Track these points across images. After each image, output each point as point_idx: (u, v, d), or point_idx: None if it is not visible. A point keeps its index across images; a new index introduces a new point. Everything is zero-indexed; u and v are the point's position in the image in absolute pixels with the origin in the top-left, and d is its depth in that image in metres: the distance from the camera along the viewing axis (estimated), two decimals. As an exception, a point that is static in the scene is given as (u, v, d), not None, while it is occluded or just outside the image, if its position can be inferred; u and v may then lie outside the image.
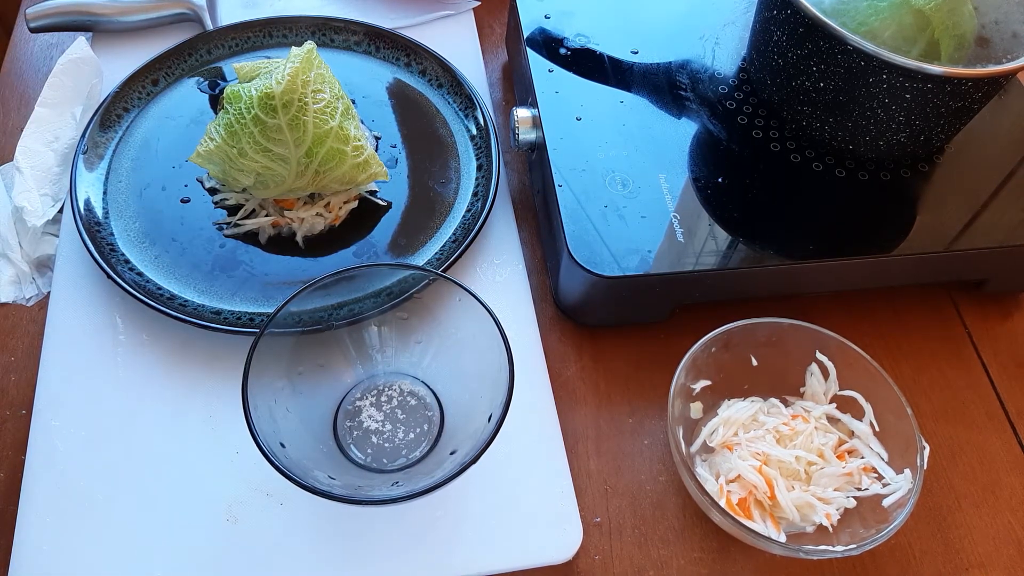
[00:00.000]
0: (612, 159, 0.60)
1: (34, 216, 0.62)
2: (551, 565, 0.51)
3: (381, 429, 0.53)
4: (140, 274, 0.58)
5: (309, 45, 0.58)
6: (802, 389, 0.56)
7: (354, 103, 0.64)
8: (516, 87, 0.74)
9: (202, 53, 0.71)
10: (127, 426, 0.54)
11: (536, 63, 0.66)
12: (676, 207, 0.58)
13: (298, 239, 0.61)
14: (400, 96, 0.70)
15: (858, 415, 0.53)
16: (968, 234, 0.59)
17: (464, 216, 0.63)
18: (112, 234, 0.60)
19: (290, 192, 0.60)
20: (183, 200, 0.63)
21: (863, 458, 0.52)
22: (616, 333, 0.61)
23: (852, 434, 0.54)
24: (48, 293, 0.61)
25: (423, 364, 0.55)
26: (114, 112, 0.66)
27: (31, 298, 0.61)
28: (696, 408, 0.55)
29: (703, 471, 0.53)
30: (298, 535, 0.50)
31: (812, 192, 0.61)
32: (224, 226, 0.61)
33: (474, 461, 0.45)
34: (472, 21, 0.79)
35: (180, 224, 0.61)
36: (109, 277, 0.57)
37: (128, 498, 0.51)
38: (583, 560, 0.52)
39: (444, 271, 0.57)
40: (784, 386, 0.56)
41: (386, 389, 0.55)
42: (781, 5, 0.58)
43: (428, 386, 0.55)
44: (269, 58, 0.65)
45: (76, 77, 0.69)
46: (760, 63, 0.64)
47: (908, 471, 0.50)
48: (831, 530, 0.50)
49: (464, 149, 0.67)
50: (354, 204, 0.63)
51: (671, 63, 0.67)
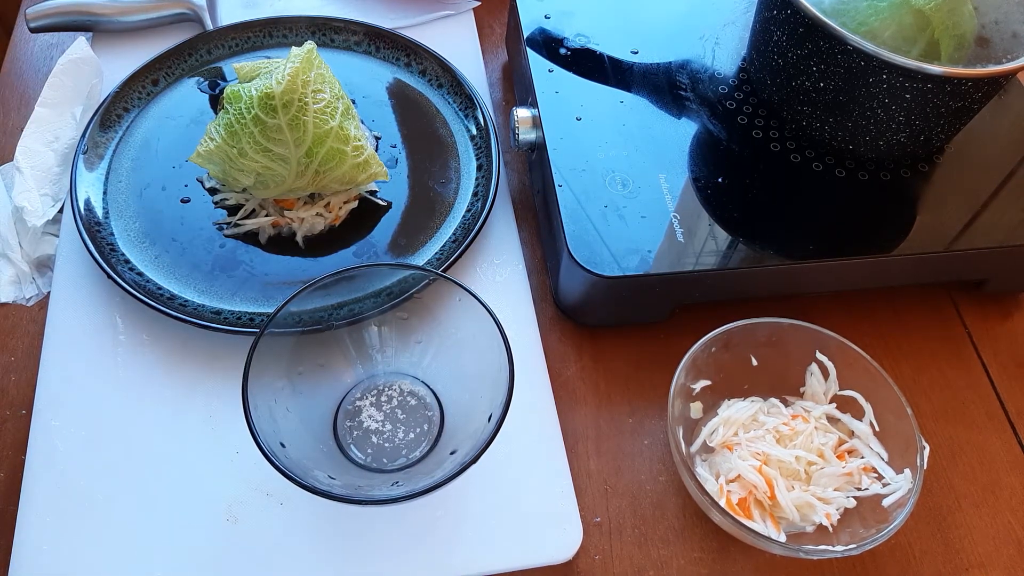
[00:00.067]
0: (612, 159, 0.60)
1: (34, 216, 0.62)
2: (551, 565, 0.51)
3: (381, 429, 0.53)
4: (140, 274, 0.58)
5: (309, 45, 0.58)
6: (802, 389, 0.56)
7: (354, 103, 0.64)
8: (516, 87, 0.74)
9: (202, 53, 0.71)
10: (127, 426, 0.54)
11: (536, 63, 0.66)
12: (676, 207, 0.58)
13: (298, 239, 0.61)
14: (400, 96, 0.70)
15: (858, 415, 0.53)
16: (968, 234, 0.59)
17: (464, 216, 0.63)
18: (112, 234, 0.60)
19: (290, 192, 0.60)
20: (183, 200, 0.63)
21: (863, 458, 0.52)
22: (616, 333, 0.61)
23: (852, 434, 0.54)
24: (48, 293, 0.61)
25: (423, 364, 0.55)
26: (114, 112, 0.66)
27: (31, 298, 0.61)
28: (696, 408, 0.55)
29: (703, 471, 0.53)
30: (298, 535, 0.50)
31: (812, 192, 0.61)
32: (224, 226, 0.61)
33: (474, 461, 0.45)
34: (472, 21, 0.79)
35: (180, 224, 0.61)
36: (109, 277, 0.57)
37: (128, 498, 0.51)
38: (583, 560, 0.52)
39: (444, 271, 0.57)
40: (784, 386, 0.56)
41: (386, 389, 0.55)
42: (781, 5, 0.58)
43: (428, 386, 0.55)
44: (269, 58, 0.65)
45: (76, 77, 0.69)
46: (760, 63, 0.64)
47: (908, 471, 0.50)
48: (831, 530, 0.50)
49: (464, 149, 0.67)
50: (354, 204, 0.63)
51: (671, 63, 0.67)
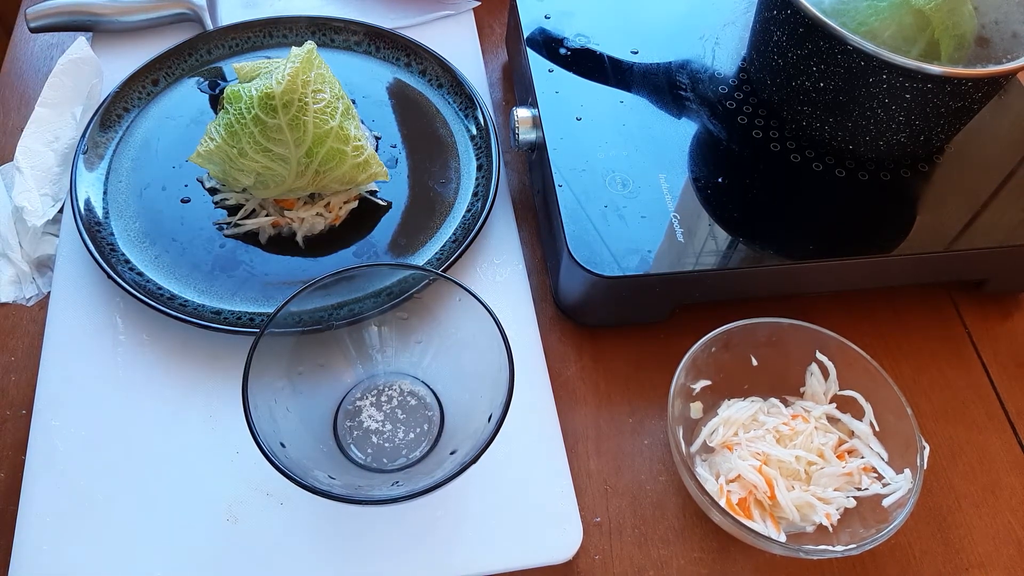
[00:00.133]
0: (612, 159, 0.60)
1: (34, 216, 0.62)
2: (551, 565, 0.51)
3: (381, 429, 0.53)
4: (140, 274, 0.58)
5: (309, 45, 0.58)
6: (802, 389, 0.56)
7: (354, 103, 0.64)
8: (516, 87, 0.74)
9: (202, 53, 0.71)
10: (127, 426, 0.54)
11: (536, 63, 0.66)
12: (676, 207, 0.58)
13: (298, 239, 0.61)
14: (400, 96, 0.70)
15: (858, 415, 0.53)
16: (968, 234, 0.59)
17: (464, 216, 0.63)
18: (112, 234, 0.60)
19: (290, 192, 0.60)
20: (183, 200, 0.63)
21: (863, 458, 0.52)
22: (616, 333, 0.61)
23: (852, 434, 0.54)
24: (48, 293, 0.61)
25: (423, 364, 0.55)
26: (114, 112, 0.66)
27: (31, 298, 0.61)
28: (696, 408, 0.55)
29: (703, 471, 0.53)
30: (298, 535, 0.50)
31: (812, 192, 0.61)
32: (224, 226, 0.61)
33: (474, 461, 0.45)
34: (472, 21, 0.79)
35: (180, 224, 0.61)
36: (109, 277, 0.57)
37: (128, 498, 0.51)
38: (583, 560, 0.52)
39: (444, 271, 0.57)
40: (784, 386, 0.56)
41: (386, 389, 0.55)
42: (781, 5, 0.58)
43: (428, 386, 0.55)
44: (269, 58, 0.65)
45: (76, 77, 0.69)
46: (760, 63, 0.64)
47: (908, 471, 0.50)
48: (831, 530, 0.50)
49: (464, 149, 0.67)
50: (354, 204, 0.63)
51: (671, 63, 0.67)
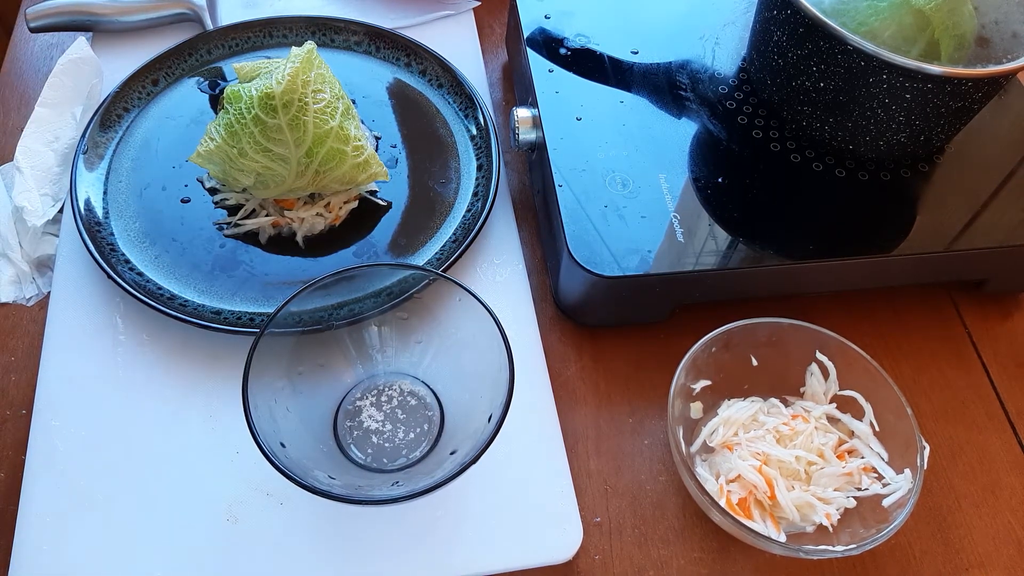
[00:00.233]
0: (612, 159, 0.60)
1: (34, 216, 0.62)
2: (551, 565, 0.51)
3: (381, 429, 0.53)
4: (140, 274, 0.58)
5: (309, 45, 0.58)
6: (802, 389, 0.56)
7: (354, 103, 0.64)
8: (516, 87, 0.74)
9: (202, 53, 0.71)
10: (127, 426, 0.54)
11: (536, 63, 0.66)
12: (676, 207, 0.58)
13: (298, 239, 0.61)
14: (400, 96, 0.70)
15: (858, 415, 0.53)
16: (968, 234, 0.59)
17: (464, 216, 0.63)
18: (112, 234, 0.60)
19: (290, 192, 0.60)
20: (183, 200, 0.63)
21: (863, 458, 0.52)
22: (616, 333, 0.61)
23: (852, 434, 0.54)
24: (48, 293, 0.61)
25: (423, 364, 0.55)
26: (114, 112, 0.66)
27: (31, 298, 0.61)
28: (696, 408, 0.55)
29: (703, 471, 0.53)
30: (298, 535, 0.50)
31: (812, 192, 0.61)
32: (224, 226, 0.61)
33: (474, 461, 0.45)
34: (472, 21, 0.79)
35: (180, 224, 0.61)
36: (109, 277, 0.57)
37: (128, 498, 0.51)
38: (583, 560, 0.52)
39: (444, 271, 0.57)
40: (784, 386, 0.56)
41: (386, 389, 0.55)
42: (781, 5, 0.58)
43: (428, 386, 0.55)
44: (269, 58, 0.65)
45: (76, 77, 0.69)
46: (760, 63, 0.64)
47: (908, 471, 0.50)
48: (831, 530, 0.50)
49: (464, 149, 0.67)
50: (354, 204, 0.63)
51: (671, 63, 0.67)
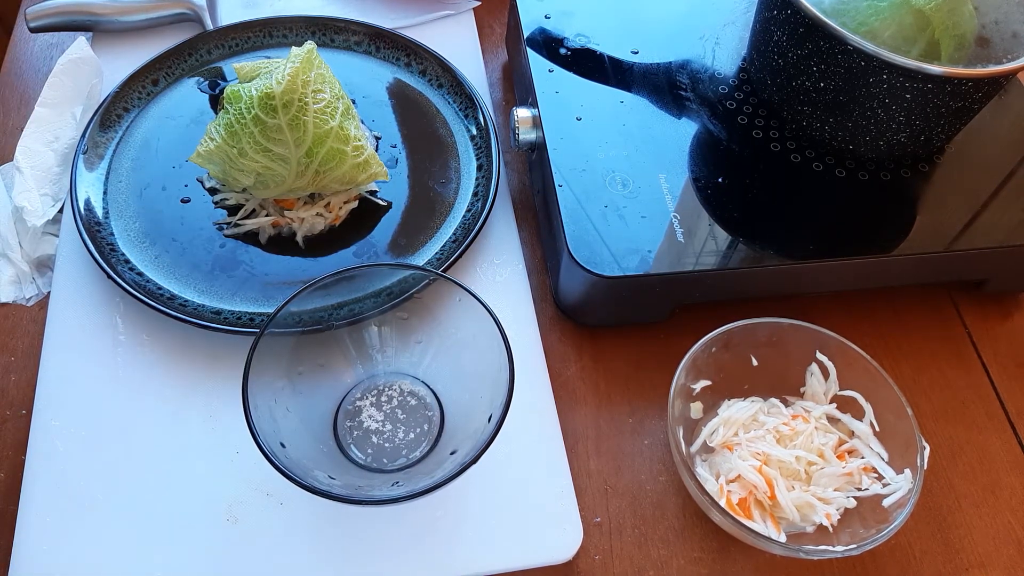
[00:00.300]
0: (612, 159, 0.60)
1: (34, 216, 0.62)
2: (551, 565, 0.51)
3: (381, 429, 0.53)
4: (140, 274, 0.58)
5: (309, 45, 0.58)
6: (802, 389, 0.56)
7: (354, 103, 0.64)
8: (516, 87, 0.74)
9: (202, 53, 0.71)
10: (127, 426, 0.54)
11: (536, 63, 0.66)
12: (676, 207, 0.58)
13: (298, 239, 0.61)
14: (400, 96, 0.70)
15: (858, 415, 0.53)
16: (968, 234, 0.59)
17: (464, 216, 0.63)
18: (112, 234, 0.60)
19: (290, 192, 0.60)
20: (183, 200, 0.63)
21: (863, 458, 0.52)
22: (616, 333, 0.61)
23: (852, 434, 0.54)
24: (48, 293, 0.61)
25: (423, 364, 0.55)
26: (114, 112, 0.66)
27: (31, 298, 0.61)
28: (696, 408, 0.55)
29: (703, 471, 0.53)
30: (298, 535, 0.50)
31: (812, 192, 0.61)
32: (224, 226, 0.61)
33: (474, 461, 0.45)
34: (472, 21, 0.79)
35: (180, 224, 0.61)
36: (109, 277, 0.57)
37: (128, 498, 0.51)
38: (583, 560, 0.52)
39: (444, 271, 0.57)
40: (784, 386, 0.56)
41: (386, 389, 0.55)
42: (781, 5, 0.58)
43: (428, 386, 0.55)
44: (269, 58, 0.65)
45: (76, 77, 0.69)
46: (760, 63, 0.64)
47: (908, 471, 0.50)
48: (831, 530, 0.50)
49: (464, 149, 0.67)
50: (354, 204, 0.63)
51: (671, 63, 0.67)
